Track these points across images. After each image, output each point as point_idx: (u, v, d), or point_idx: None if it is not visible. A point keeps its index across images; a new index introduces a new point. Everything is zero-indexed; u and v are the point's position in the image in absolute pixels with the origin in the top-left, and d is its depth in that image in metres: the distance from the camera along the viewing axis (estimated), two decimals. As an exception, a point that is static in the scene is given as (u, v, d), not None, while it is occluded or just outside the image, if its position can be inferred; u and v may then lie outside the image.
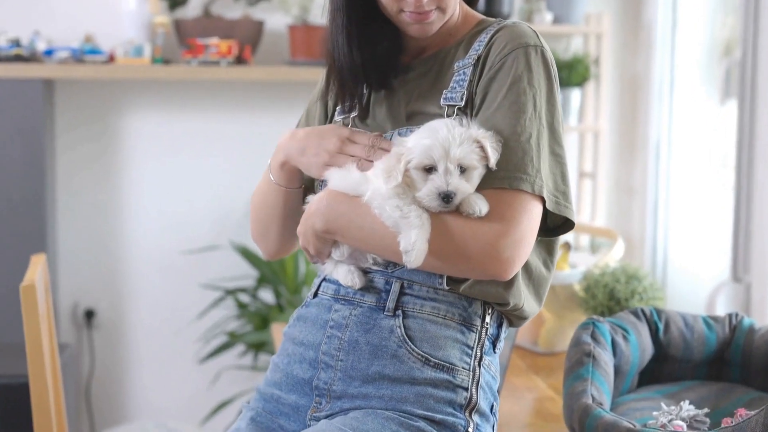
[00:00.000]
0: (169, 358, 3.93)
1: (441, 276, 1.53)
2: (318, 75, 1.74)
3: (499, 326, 1.61)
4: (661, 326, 1.89)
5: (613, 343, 1.80)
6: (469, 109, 1.55)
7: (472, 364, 1.54)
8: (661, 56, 3.96)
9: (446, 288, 1.54)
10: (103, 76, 3.52)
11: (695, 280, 3.77)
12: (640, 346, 1.85)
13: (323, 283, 1.64)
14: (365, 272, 1.58)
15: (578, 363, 1.73)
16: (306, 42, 3.59)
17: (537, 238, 1.54)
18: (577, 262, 2.65)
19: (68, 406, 3.13)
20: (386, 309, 1.55)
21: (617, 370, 1.80)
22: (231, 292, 3.81)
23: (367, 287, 1.57)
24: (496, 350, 1.61)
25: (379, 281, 1.57)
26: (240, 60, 3.62)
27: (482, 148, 1.45)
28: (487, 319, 1.57)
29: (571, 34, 4.02)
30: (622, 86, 4.16)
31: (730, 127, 3.37)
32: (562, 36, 4.06)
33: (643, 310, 1.90)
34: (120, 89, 3.80)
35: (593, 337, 1.78)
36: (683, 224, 3.90)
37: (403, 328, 1.53)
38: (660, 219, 3.99)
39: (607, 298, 2.37)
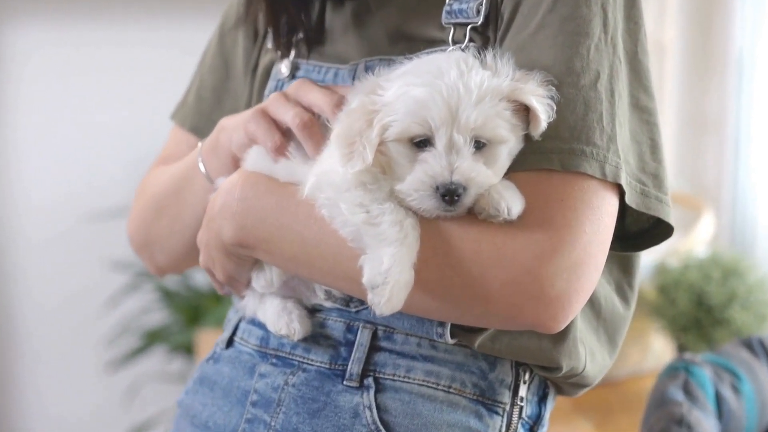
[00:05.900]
0: (68, 361, 3.93)
1: (442, 323, 1.30)
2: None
3: (542, 400, 1.40)
4: (789, 366, 1.83)
5: (718, 399, 1.70)
6: (491, 32, 1.32)
7: (495, 472, 1.34)
8: (747, -60, 4.07)
9: (450, 342, 1.31)
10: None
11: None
12: (758, 400, 1.75)
13: (242, 324, 1.46)
14: (311, 311, 1.38)
15: (664, 435, 1.63)
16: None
17: (609, 253, 1.29)
18: (644, 247, 2.58)
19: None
20: (347, 375, 1.34)
21: (723, 440, 1.73)
22: (150, 274, 3.59)
23: (315, 336, 1.37)
24: (537, 439, 1.39)
25: (335, 327, 1.37)
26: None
27: (520, 107, 1.20)
28: (522, 391, 1.34)
29: None
30: (694, -17, 4.26)
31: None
32: None
33: (762, 342, 1.81)
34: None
35: (686, 390, 1.67)
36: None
37: (375, 410, 1.32)
38: (742, 163, 3.83)
39: (693, 306, 2.29)
